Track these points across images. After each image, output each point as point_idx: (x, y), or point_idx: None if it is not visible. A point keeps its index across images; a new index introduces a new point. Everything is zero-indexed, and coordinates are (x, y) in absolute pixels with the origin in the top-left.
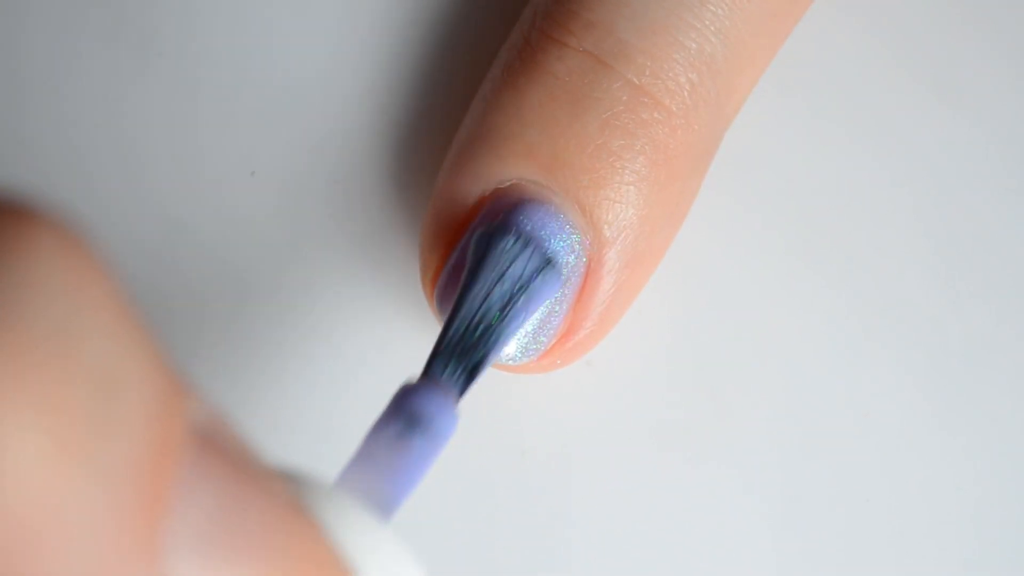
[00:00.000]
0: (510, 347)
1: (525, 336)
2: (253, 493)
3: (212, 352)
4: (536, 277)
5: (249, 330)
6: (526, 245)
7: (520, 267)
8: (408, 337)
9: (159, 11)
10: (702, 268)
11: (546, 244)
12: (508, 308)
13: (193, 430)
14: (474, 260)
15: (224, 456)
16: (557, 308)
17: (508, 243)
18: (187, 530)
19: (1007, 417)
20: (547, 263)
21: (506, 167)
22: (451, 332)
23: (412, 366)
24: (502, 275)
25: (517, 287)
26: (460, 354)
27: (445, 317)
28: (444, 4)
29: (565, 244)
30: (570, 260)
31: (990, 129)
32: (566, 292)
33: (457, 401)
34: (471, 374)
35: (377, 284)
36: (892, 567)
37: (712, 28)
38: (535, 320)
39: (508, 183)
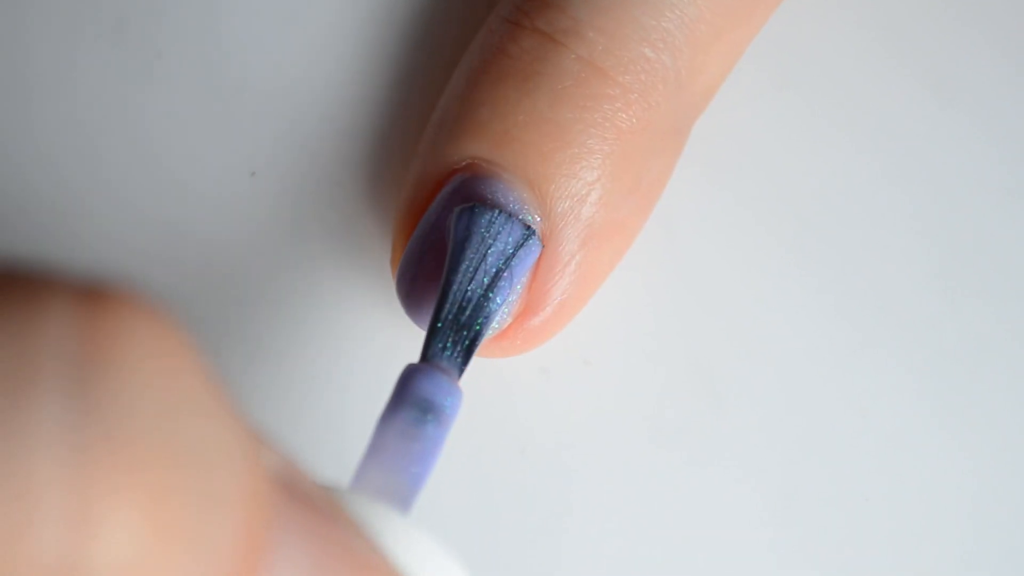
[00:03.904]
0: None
1: None
2: (338, 542)
3: (211, 352)
4: (519, 249)
5: (249, 330)
6: (508, 219)
7: (503, 242)
8: (409, 334)
9: (159, 12)
10: (699, 268)
11: (523, 216)
12: (495, 282)
13: (275, 484)
14: (457, 238)
15: (306, 506)
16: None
17: (490, 217)
18: None
19: (1005, 415)
20: (528, 233)
21: (460, 147)
22: (444, 312)
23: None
24: (487, 251)
25: (502, 261)
26: (455, 332)
27: (406, 299)
28: (446, 4)
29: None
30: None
31: (988, 129)
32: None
33: (458, 379)
34: (468, 351)
35: (377, 284)
36: (891, 566)
37: (668, 3)
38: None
39: (464, 162)
